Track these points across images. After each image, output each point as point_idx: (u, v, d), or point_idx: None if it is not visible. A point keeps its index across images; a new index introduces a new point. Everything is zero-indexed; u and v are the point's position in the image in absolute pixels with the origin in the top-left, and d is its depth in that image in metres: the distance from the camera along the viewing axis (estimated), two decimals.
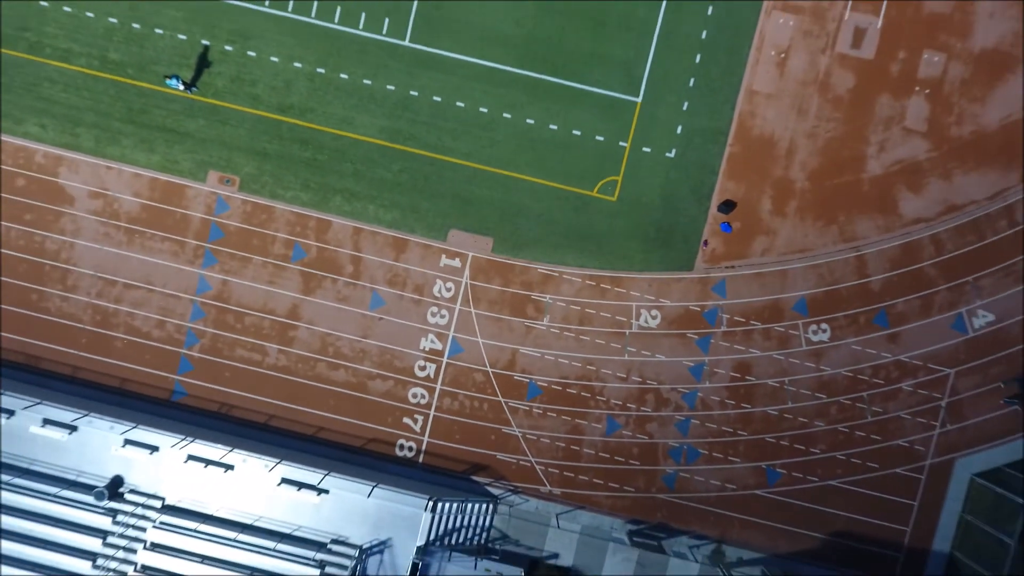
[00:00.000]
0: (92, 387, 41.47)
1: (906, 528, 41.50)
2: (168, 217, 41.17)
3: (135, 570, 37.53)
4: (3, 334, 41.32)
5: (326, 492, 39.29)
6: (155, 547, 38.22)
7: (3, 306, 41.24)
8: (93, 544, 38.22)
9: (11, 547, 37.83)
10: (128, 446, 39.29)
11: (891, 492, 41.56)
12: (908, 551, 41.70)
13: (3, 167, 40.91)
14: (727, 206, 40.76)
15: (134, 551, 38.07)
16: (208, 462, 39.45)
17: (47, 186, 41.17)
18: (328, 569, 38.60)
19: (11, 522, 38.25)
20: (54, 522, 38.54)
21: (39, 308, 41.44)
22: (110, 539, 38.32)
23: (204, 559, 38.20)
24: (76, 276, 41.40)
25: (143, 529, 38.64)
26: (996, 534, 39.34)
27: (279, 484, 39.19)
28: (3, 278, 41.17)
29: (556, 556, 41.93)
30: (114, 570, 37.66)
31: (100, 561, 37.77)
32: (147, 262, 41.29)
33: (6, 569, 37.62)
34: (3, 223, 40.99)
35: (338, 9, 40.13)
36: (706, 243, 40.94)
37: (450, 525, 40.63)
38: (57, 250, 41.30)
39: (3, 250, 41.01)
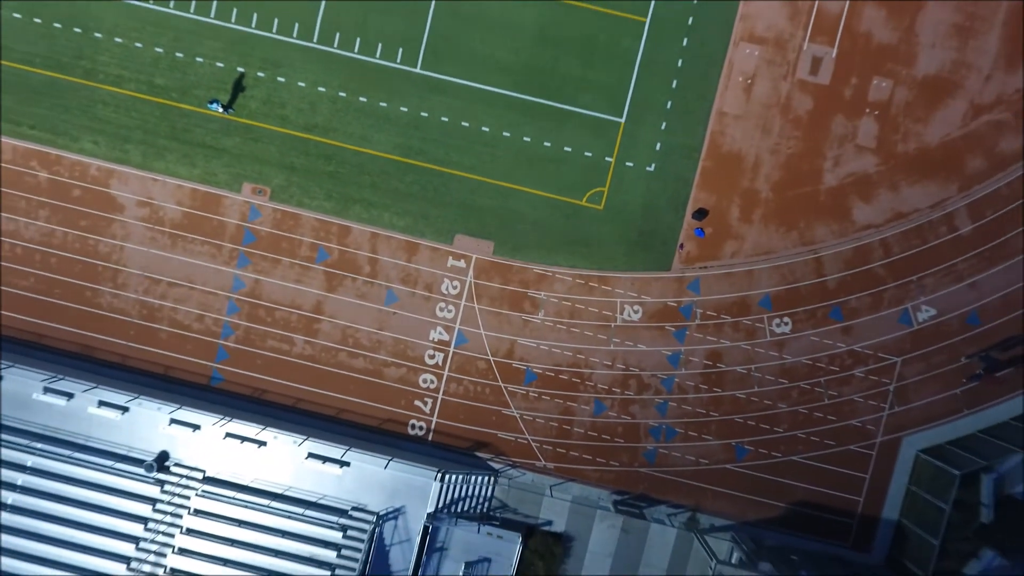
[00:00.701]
0: (140, 373, 46.41)
1: (859, 498, 46.33)
2: (207, 223, 46.28)
3: (181, 532, 42.70)
4: (62, 327, 46.49)
5: (347, 465, 44.09)
6: (198, 512, 43.16)
7: (61, 302, 46.46)
8: (144, 510, 42.76)
9: (72, 512, 42.79)
10: (173, 425, 43.75)
11: (846, 466, 46.16)
12: (861, 518, 46.46)
13: (61, 180, 46.07)
14: (700, 214, 45.76)
15: (180, 516, 43.31)
16: (243, 439, 44.01)
17: (100, 196, 46.26)
18: (349, 532, 43.44)
19: (71, 490, 43.01)
20: (109, 491, 43.04)
21: (93, 304, 46.49)
22: (159, 506, 43.06)
23: (241, 523, 43.35)
24: (125, 275, 46.49)
25: (187, 497, 43.21)
26: (935, 502, 44.28)
27: (306, 458, 43.78)
28: (61, 277, 46.33)
29: (550, 523, 46.62)
30: (163, 532, 42.86)
31: (151, 524, 42.88)
32: (188, 263, 46.31)
33: (66, 530, 42.57)
34: (61, 229, 46.15)
35: (357, 40, 45.24)
36: (682, 246, 45.98)
37: (456, 495, 45.35)
38: (109, 252, 46.40)
39: (61, 252, 46.16)
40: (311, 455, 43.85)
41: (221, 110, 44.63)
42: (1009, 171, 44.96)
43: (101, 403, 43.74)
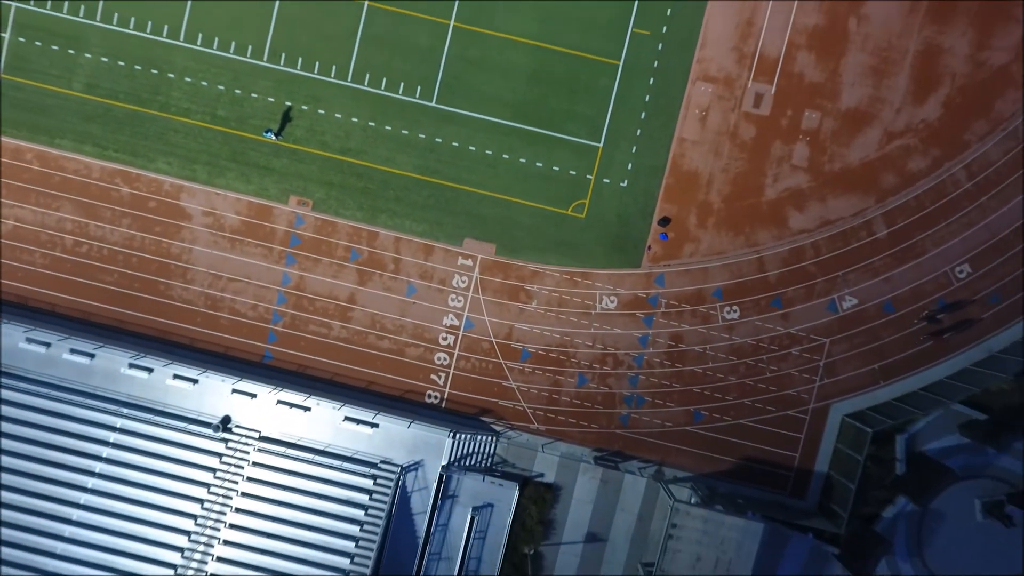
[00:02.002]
0: (206, 352, 55.63)
1: (795, 454, 55.07)
2: (260, 229, 55.80)
3: (243, 480, 52.24)
4: (141, 315, 55.89)
5: (376, 426, 52.96)
6: (256, 465, 52.27)
7: (141, 294, 55.95)
8: (212, 462, 51.81)
9: (153, 463, 51.56)
10: (234, 394, 52.70)
11: (784, 428, 54.74)
12: (796, 471, 55.04)
13: (140, 194, 55.59)
14: (664, 221, 54.99)
15: (241, 468, 52.64)
16: (292, 405, 52.81)
17: (172, 207, 55.73)
18: (379, 481, 52.36)
19: (152, 446, 51.85)
20: (183, 447, 52.12)
21: (167, 296, 55.85)
22: (224, 459, 52.05)
23: (290, 473, 52.63)
24: (193, 272, 55.84)
25: (247, 452, 52.26)
26: (854, 455, 53.24)
27: (343, 421, 52.63)
28: (140, 274, 55.73)
29: (542, 475, 55.19)
30: (228, 480, 52.23)
31: (218, 474, 52.12)
32: (245, 262, 55.55)
33: (150, 477, 51.76)
34: (140, 234, 55.57)
35: (384, 79, 54.75)
36: (649, 248, 55.30)
37: (465, 451, 54.01)
38: (179, 253, 55.94)
39: (140, 253, 55.67)
40: (347, 418, 52.91)
41: (274, 137, 54.27)
42: (917, 186, 54.23)
43: (176, 376, 52.77)
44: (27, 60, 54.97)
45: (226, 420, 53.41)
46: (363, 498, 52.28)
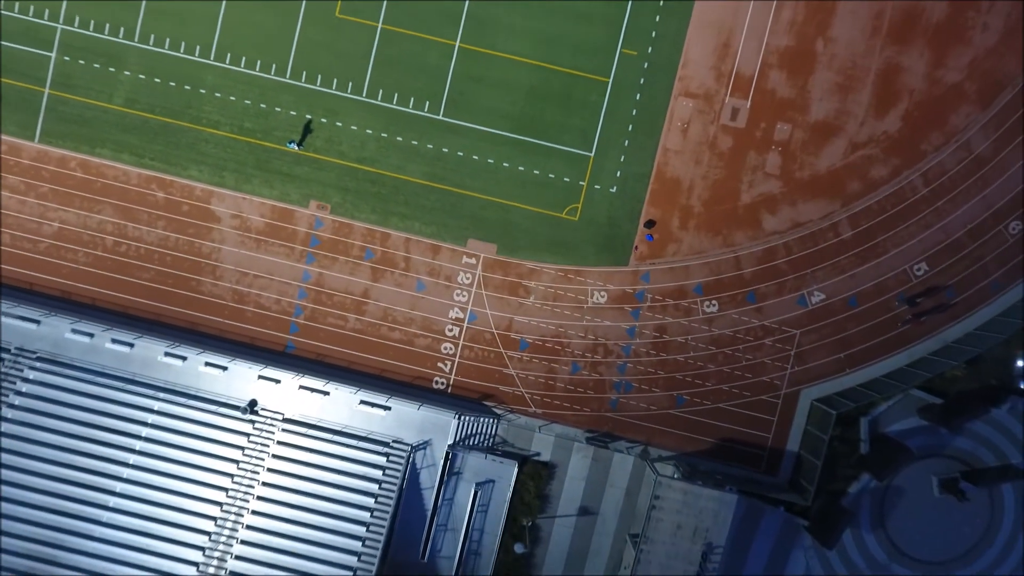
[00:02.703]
0: (234, 342, 60.34)
1: (768, 435, 59.29)
2: (283, 231, 60.88)
3: (270, 457, 57.39)
4: (175, 308, 60.75)
5: (389, 409, 57.57)
6: (280, 444, 57.01)
7: (174, 289, 61.04)
8: (241, 441, 56.76)
9: (186, 441, 56.49)
10: (260, 380, 57.44)
11: (758, 412, 58.86)
12: (770, 450, 59.19)
13: (174, 198, 60.98)
14: (650, 223, 59.67)
15: (267, 446, 57.62)
16: (312, 390, 57.47)
17: (203, 210, 60.70)
18: (391, 458, 56.92)
19: (186, 426, 56.76)
20: (213, 427, 57.02)
21: (198, 291, 60.54)
22: (251, 438, 56.96)
23: (311, 451, 57.64)
24: (222, 270, 60.63)
25: (272, 432, 57.04)
26: (821, 436, 57.71)
27: (358, 404, 57.31)
28: (174, 271, 60.74)
29: (538, 454, 59.35)
30: (255, 458, 57.44)
31: (246, 451, 57.27)
32: (269, 260, 60.27)
33: (182, 454, 56.62)
34: (174, 235, 60.72)
35: (395, 95, 59.84)
36: (636, 248, 60.01)
37: (469, 432, 58.42)
38: (209, 252, 60.89)
39: (174, 252, 60.83)
40: (362, 402, 57.59)
41: (295, 147, 59.63)
42: (878, 192, 58.90)
43: (207, 363, 57.69)
44: (71, 77, 60.36)
45: (253, 403, 58.24)
46: (377, 474, 57.20)
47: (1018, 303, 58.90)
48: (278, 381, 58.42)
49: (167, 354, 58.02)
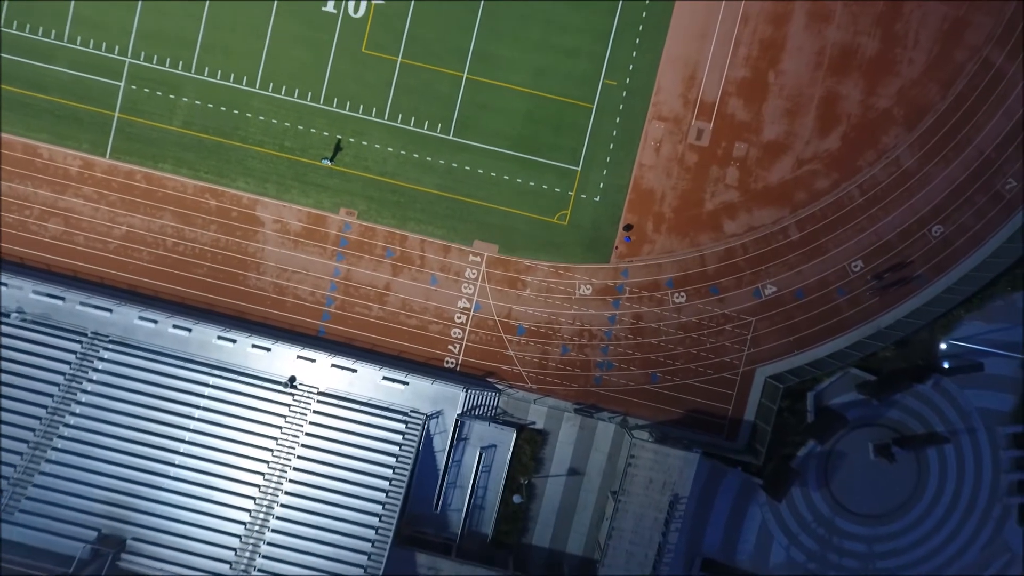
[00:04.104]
0: (275, 328, 69.81)
1: (728, 407, 66.69)
2: (316, 233, 70.61)
3: (308, 424, 66.90)
4: (224, 299, 70.21)
5: (407, 384, 66.28)
6: (317, 413, 66.33)
7: (224, 283, 70.92)
8: (282, 410, 65.70)
9: (236, 410, 65.62)
10: (298, 359, 66.35)
11: (720, 387, 66.24)
12: (730, 420, 66.47)
13: (224, 206, 71.26)
14: (628, 227, 68.22)
15: (305, 415, 67.15)
16: (343, 368, 66.01)
17: (248, 216, 70.39)
18: (409, 426, 65.94)
19: (235, 398, 65.95)
20: (258, 399, 66.32)
21: (244, 284, 69.86)
22: (292, 408, 66.15)
23: (343, 419, 67.10)
24: (265, 267, 69.95)
25: (309, 403, 66.17)
26: (772, 406, 65.90)
27: (381, 380, 66.27)
28: (224, 267, 70.78)
29: (534, 423, 66.45)
30: (295, 426, 66.87)
31: (288, 419, 66.41)
32: (305, 258, 69.50)
33: (233, 420, 66.30)
34: (224, 236, 70.87)
35: (412, 118, 69.78)
36: (617, 248, 68.64)
37: (475, 403, 66.42)
38: (255, 252, 70.40)
39: (224, 252, 70.81)
40: (385, 377, 65.83)
41: (328, 163, 69.99)
42: (821, 200, 67.17)
43: (254, 345, 66.92)
44: (137, 103, 70.51)
45: (292, 379, 66.94)
46: (397, 439, 65.78)
47: (940, 295, 67.37)
48: (314, 360, 66.65)
49: (220, 337, 66.38)
